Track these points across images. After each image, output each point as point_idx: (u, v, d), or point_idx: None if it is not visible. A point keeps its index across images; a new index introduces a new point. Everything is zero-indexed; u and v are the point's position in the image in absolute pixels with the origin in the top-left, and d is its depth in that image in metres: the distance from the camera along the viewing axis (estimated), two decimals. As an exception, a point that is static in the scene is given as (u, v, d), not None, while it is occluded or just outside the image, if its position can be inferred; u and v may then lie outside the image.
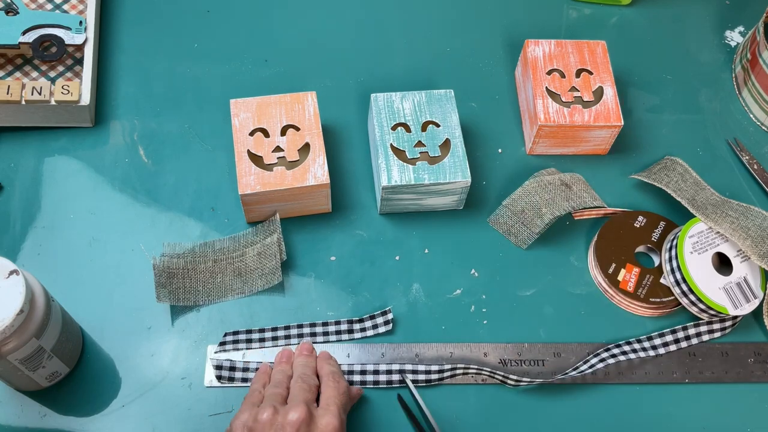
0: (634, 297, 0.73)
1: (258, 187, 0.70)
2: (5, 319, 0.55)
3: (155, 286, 0.69)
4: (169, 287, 0.70)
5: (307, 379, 0.63)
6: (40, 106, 0.75)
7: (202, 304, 0.71)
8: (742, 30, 0.92)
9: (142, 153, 0.78)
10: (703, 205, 0.75)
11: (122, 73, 0.83)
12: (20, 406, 0.65)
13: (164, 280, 0.69)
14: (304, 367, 0.65)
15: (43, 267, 0.71)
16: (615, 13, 0.92)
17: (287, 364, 0.66)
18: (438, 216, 0.77)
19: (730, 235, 0.72)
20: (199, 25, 0.87)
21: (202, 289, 0.71)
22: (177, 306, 0.70)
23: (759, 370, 0.71)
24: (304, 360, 0.66)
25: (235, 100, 0.75)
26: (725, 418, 0.69)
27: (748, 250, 0.71)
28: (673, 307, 0.73)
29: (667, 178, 0.78)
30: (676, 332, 0.71)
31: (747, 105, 0.86)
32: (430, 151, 0.74)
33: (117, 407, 0.66)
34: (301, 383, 0.62)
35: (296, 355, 0.67)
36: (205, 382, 0.67)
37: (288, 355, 0.67)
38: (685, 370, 0.70)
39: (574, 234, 0.77)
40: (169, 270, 0.70)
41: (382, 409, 0.67)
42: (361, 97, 0.83)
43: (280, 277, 0.71)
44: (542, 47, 0.81)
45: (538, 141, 0.79)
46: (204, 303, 0.71)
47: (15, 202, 0.74)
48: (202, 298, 0.71)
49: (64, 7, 0.82)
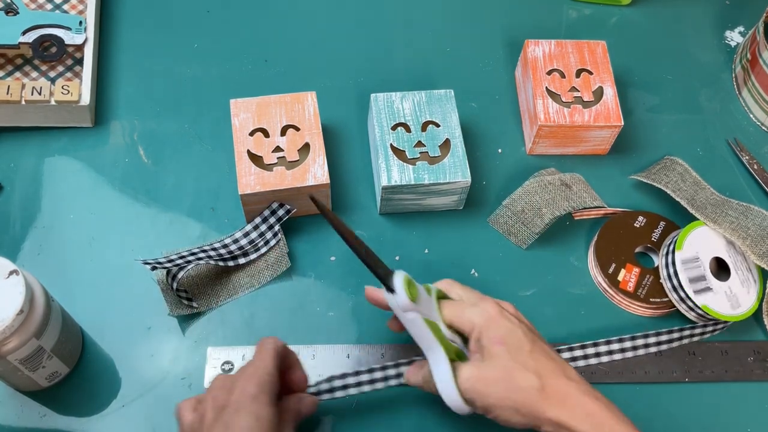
0: (634, 297, 0.73)
1: (258, 187, 0.70)
2: (5, 319, 0.55)
3: (165, 301, 0.69)
4: (177, 298, 0.69)
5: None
6: (40, 106, 0.75)
7: (214, 306, 0.70)
8: (742, 30, 0.92)
9: (142, 153, 0.78)
10: (703, 205, 0.75)
11: (122, 73, 0.83)
12: (20, 406, 0.65)
13: (171, 293, 0.69)
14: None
15: (43, 267, 0.71)
16: (615, 13, 0.92)
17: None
18: (438, 216, 0.77)
19: (729, 235, 0.72)
20: (199, 25, 0.87)
21: (210, 292, 0.71)
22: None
23: (759, 369, 0.71)
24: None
25: (235, 100, 0.75)
26: (725, 416, 0.69)
27: (748, 250, 0.71)
28: (672, 307, 0.73)
29: (667, 178, 0.78)
30: (672, 332, 0.71)
31: (747, 105, 0.86)
32: (430, 151, 0.74)
33: (117, 407, 0.66)
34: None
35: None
36: (205, 382, 0.67)
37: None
38: (685, 369, 0.70)
39: (574, 234, 0.77)
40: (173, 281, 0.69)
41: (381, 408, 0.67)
42: (361, 97, 0.83)
43: (288, 263, 0.72)
44: (542, 47, 0.81)
45: (538, 141, 0.79)
46: (216, 305, 0.71)
47: (15, 202, 0.74)
48: (213, 301, 0.71)
49: (64, 7, 0.83)
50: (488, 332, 0.59)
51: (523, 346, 0.58)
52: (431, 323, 0.59)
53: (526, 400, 0.57)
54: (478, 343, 0.59)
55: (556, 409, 0.56)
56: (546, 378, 0.57)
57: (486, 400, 0.58)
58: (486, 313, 0.60)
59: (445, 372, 0.58)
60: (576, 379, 0.58)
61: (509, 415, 0.57)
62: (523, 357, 0.58)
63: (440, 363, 0.59)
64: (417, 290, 0.59)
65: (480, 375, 0.58)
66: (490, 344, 0.58)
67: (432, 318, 0.60)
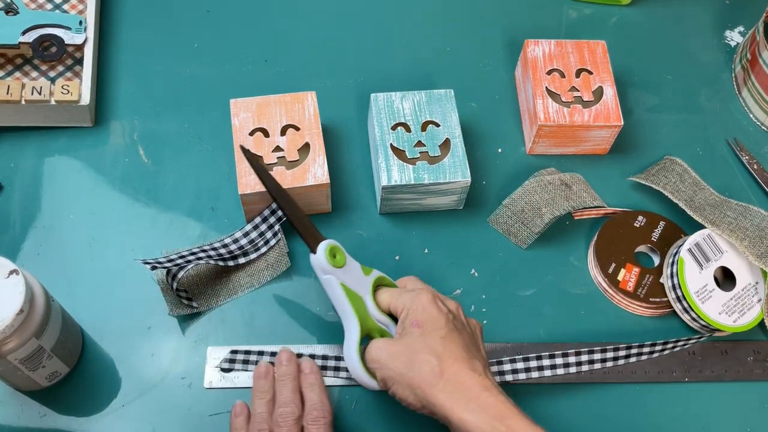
0: (634, 297, 0.73)
1: (258, 186, 0.70)
2: (5, 319, 0.55)
3: (165, 301, 0.69)
4: (177, 298, 0.70)
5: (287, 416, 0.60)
6: (40, 106, 0.75)
7: (214, 306, 0.71)
8: (742, 30, 0.92)
9: (142, 153, 0.78)
10: (701, 206, 0.75)
11: (122, 73, 0.83)
12: (20, 406, 0.65)
13: (171, 293, 0.69)
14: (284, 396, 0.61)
15: (43, 267, 0.70)
16: (615, 13, 0.92)
17: (266, 380, 0.63)
18: (438, 216, 0.77)
19: (727, 237, 0.72)
20: (199, 25, 0.87)
21: (210, 292, 0.71)
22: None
23: (759, 369, 0.71)
24: (286, 383, 0.62)
25: (235, 100, 0.75)
26: (725, 416, 0.69)
27: (746, 251, 0.71)
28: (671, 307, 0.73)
29: (665, 179, 0.78)
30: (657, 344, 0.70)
31: (747, 105, 0.86)
32: (430, 150, 0.74)
33: (117, 407, 0.66)
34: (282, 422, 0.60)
35: (276, 370, 0.63)
36: (205, 382, 0.67)
37: (266, 372, 0.63)
38: (685, 369, 0.70)
39: (574, 234, 0.77)
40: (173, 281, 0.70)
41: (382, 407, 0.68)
42: (361, 97, 0.83)
43: (288, 263, 0.72)
44: (542, 47, 0.81)
45: (538, 141, 0.79)
46: (216, 305, 0.71)
47: (15, 202, 0.74)
48: (213, 301, 0.71)
49: (64, 7, 0.83)
50: (412, 314, 0.61)
51: (437, 331, 0.59)
52: (352, 294, 0.63)
53: (422, 381, 0.57)
54: (402, 324, 0.62)
55: (448, 395, 0.56)
56: (447, 364, 0.58)
57: (385, 371, 0.59)
58: (417, 299, 0.62)
59: (352, 340, 0.62)
60: (481, 374, 0.58)
61: (405, 393, 0.59)
62: (433, 340, 0.59)
63: (350, 331, 0.62)
64: (344, 259, 0.64)
65: (385, 347, 0.60)
66: (409, 325, 0.60)
67: (358, 292, 0.64)
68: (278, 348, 0.67)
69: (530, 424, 0.56)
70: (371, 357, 0.60)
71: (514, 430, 0.55)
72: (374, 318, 0.64)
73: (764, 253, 0.71)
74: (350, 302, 0.63)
